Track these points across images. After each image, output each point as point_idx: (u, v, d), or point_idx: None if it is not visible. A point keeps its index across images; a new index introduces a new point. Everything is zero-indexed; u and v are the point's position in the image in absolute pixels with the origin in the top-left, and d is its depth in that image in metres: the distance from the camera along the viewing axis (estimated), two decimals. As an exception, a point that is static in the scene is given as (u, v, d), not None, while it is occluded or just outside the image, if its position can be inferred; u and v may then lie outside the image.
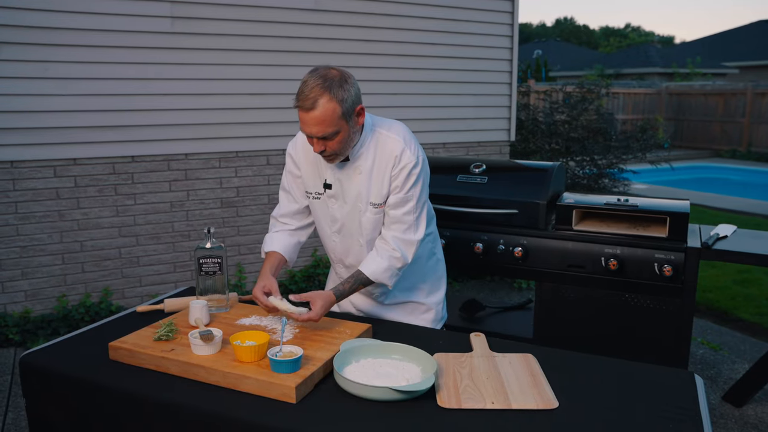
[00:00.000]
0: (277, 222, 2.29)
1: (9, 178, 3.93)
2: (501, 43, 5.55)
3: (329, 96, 1.82)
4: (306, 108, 1.83)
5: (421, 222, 2.08)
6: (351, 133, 1.93)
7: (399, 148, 1.99)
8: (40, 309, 4.13)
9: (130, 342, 1.83)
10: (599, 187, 6.79)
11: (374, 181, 2.04)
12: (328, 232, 2.20)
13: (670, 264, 2.76)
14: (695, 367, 3.75)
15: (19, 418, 3.13)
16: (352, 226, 2.13)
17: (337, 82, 1.85)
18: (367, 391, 1.56)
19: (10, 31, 3.79)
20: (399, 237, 2.05)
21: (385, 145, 2.01)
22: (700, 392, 1.65)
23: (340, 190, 2.09)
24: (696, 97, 16.11)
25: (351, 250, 2.19)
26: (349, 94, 1.86)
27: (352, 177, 2.05)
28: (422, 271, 2.29)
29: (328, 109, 1.83)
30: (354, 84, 1.90)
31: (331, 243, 2.22)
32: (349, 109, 1.87)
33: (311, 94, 1.82)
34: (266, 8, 4.48)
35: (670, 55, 25.93)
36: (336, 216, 2.14)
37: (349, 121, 1.90)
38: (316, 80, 1.83)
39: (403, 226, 2.05)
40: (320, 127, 1.85)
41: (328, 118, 1.84)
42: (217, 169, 4.54)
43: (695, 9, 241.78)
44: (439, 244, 2.41)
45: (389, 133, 2.03)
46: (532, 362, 1.78)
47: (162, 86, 4.25)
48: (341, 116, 1.86)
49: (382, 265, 2.04)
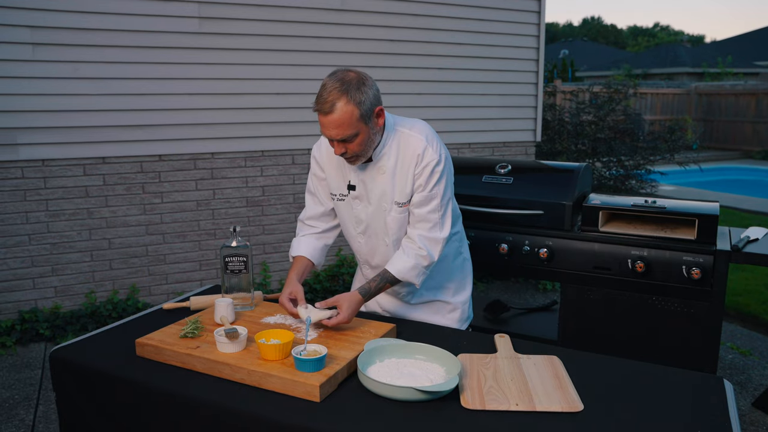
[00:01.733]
0: (304, 225, 2.29)
1: (40, 176, 4.01)
2: (527, 43, 5.51)
3: (347, 99, 1.83)
4: (325, 111, 1.85)
5: (446, 220, 2.07)
6: (371, 134, 1.93)
7: (421, 147, 1.99)
8: (69, 305, 4.20)
9: (157, 339, 1.85)
10: (626, 189, 6.70)
11: (398, 181, 2.04)
12: (353, 233, 2.21)
13: (699, 267, 2.71)
14: (724, 372, 3.69)
15: (49, 411, 3.19)
16: (377, 227, 2.14)
17: (355, 84, 1.85)
18: (390, 390, 1.56)
19: (43, 32, 3.87)
20: (425, 235, 2.05)
21: (407, 143, 2.02)
22: (730, 398, 1.62)
23: (364, 191, 2.10)
24: (727, 97, 15.81)
25: (377, 250, 2.19)
26: (366, 96, 1.87)
27: (376, 177, 2.06)
28: (448, 270, 2.28)
29: (346, 112, 1.84)
30: (372, 86, 1.91)
31: (357, 244, 2.23)
32: (367, 111, 1.88)
33: (329, 97, 1.84)
34: (292, 8, 4.50)
35: (700, 55, 25.50)
36: (361, 217, 2.14)
37: (368, 122, 1.90)
38: (334, 83, 1.85)
39: (428, 224, 2.05)
40: (339, 129, 1.86)
41: (347, 121, 1.85)
42: (242, 168, 4.58)
43: (726, 7, 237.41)
44: (466, 244, 2.40)
45: (411, 132, 2.03)
46: (557, 364, 1.76)
47: (189, 86, 4.30)
48: (360, 118, 1.87)
49: (409, 263, 2.04)
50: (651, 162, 6.80)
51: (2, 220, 3.96)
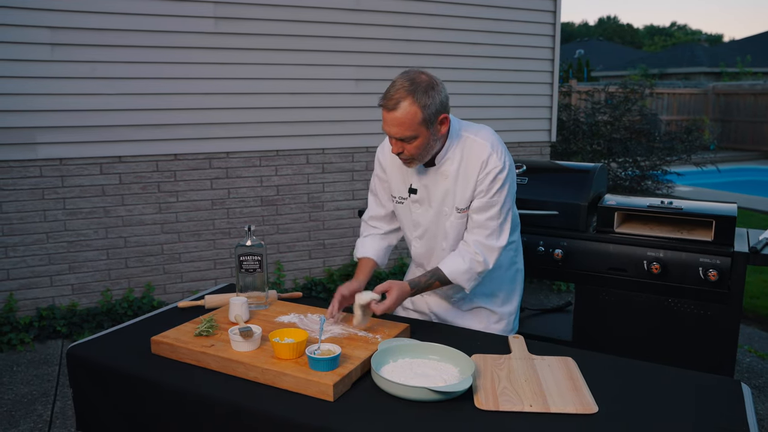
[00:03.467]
0: (368, 226, 2.31)
1: (58, 174, 4.06)
2: (542, 43, 5.49)
3: (412, 99, 1.83)
4: (389, 108, 1.85)
5: (504, 228, 2.04)
6: (430, 140, 1.92)
7: (486, 153, 1.97)
8: (86, 303, 4.25)
9: (172, 337, 1.87)
10: (642, 189, 6.65)
11: (460, 186, 2.02)
12: (410, 236, 2.21)
13: (716, 269, 2.68)
14: (742, 375, 3.64)
15: (66, 407, 3.22)
16: (436, 231, 2.12)
17: (423, 87, 1.84)
18: (404, 390, 1.56)
19: (62, 32, 3.92)
20: (481, 242, 2.02)
21: (471, 149, 2.00)
22: (748, 402, 1.60)
23: (426, 195, 2.09)
24: (745, 97, 15.62)
25: (434, 254, 2.18)
26: (433, 101, 1.86)
27: (439, 182, 2.05)
28: (500, 279, 2.25)
29: (409, 113, 1.84)
30: (441, 92, 1.89)
31: (414, 247, 2.23)
32: (431, 116, 1.87)
33: (396, 95, 1.84)
34: (307, 8, 4.52)
35: (717, 54, 25.23)
36: (419, 221, 2.14)
37: (430, 128, 1.89)
38: (403, 82, 1.85)
39: (486, 231, 2.02)
40: (399, 128, 1.86)
41: (408, 121, 1.85)
42: (257, 167, 4.60)
43: (745, 6, 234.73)
44: (521, 255, 2.36)
45: (476, 138, 2.01)
46: (571, 365, 1.75)
47: (205, 85, 4.32)
48: (421, 122, 1.86)
49: (463, 266, 2.01)
50: (667, 162, 6.74)
51: (21, 219, 4.01)
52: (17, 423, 3.08)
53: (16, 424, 3.06)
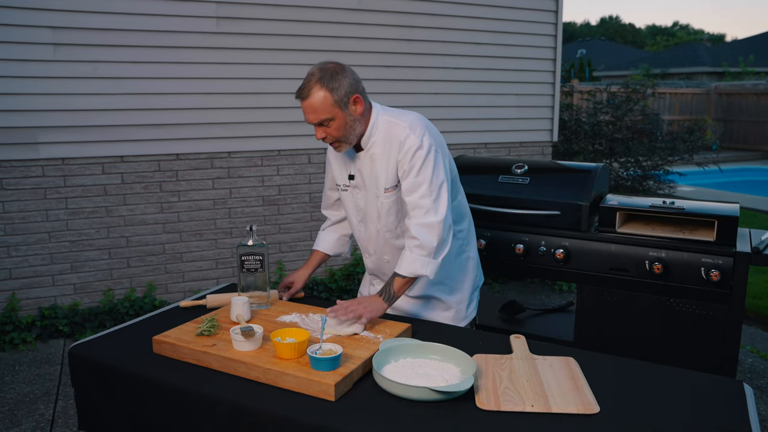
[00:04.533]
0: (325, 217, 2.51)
1: (60, 174, 4.06)
2: (544, 43, 5.48)
3: (320, 85, 1.96)
4: (303, 97, 1.99)
5: (440, 204, 2.06)
6: (348, 120, 2.03)
7: (404, 134, 2.06)
8: (88, 302, 4.25)
9: (173, 336, 1.87)
10: (644, 189, 6.65)
11: (383, 166, 2.12)
12: (354, 222, 2.31)
13: (718, 269, 2.68)
14: (744, 376, 3.64)
15: (68, 406, 3.23)
16: (372, 214, 2.22)
17: (330, 73, 1.98)
18: (405, 390, 1.56)
19: (65, 32, 3.92)
20: (419, 222, 2.05)
21: (392, 131, 2.10)
22: (750, 402, 1.60)
23: (361, 180, 2.20)
24: (747, 97, 15.59)
25: (371, 238, 2.28)
26: (340, 83, 1.98)
27: (368, 165, 2.15)
28: (448, 268, 2.28)
29: (319, 97, 1.97)
30: (349, 75, 2.02)
31: (358, 232, 2.33)
32: (342, 97, 1.99)
33: (307, 84, 1.98)
34: (309, 8, 4.52)
35: (720, 54, 25.19)
36: (360, 205, 2.25)
37: (344, 109, 2.01)
38: (314, 71, 1.99)
39: (421, 210, 2.06)
40: (315, 114, 1.99)
41: (320, 105, 1.97)
42: (259, 167, 4.60)
43: (748, 5, 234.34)
44: (473, 243, 2.41)
45: (397, 121, 2.10)
46: (573, 366, 1.75)
47: (206, 85, 4.33)
48: (333, 103, 1.98)
49: (409, 258, 2.05)
50: (669, 162, 6.73)
51: (23, 218, 4.01)
52: (19, 422, 3.08)
53: (19, 423, 3.07)
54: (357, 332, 1.93)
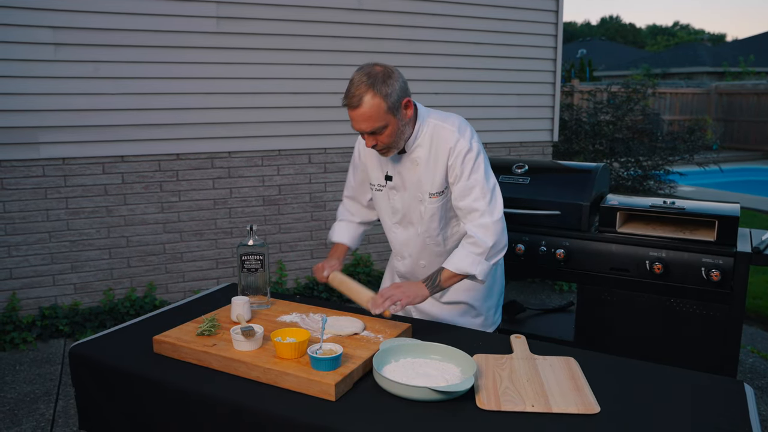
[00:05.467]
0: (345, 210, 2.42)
1: (61, 174, 4.06)
2: (545, 43, 5.48)
3: (373, 92, 1.88)
4: (353, 106, 1.90)
5: (495, 205, 2.03)
6: (400, 125, 1.97)
7: (454, 138, 2.01)
8: (88, 302, 4.25)
9: (174, 336, 1.87)
10: (644, 189, 6.64)
11: (431, 171, 2.06)
12: (389, 223, 2.25)
13: (719, 269, 2.68)
14: (744, 376, 3.64)
15: (68, 406, 3.23)
16: (412, 216, 2.17)
17: (381, 77, 1.90)
18: (406, 390, 1.56)
19: (65, 32, 3.92)
20: (476, 224, 2.02)
21: (440, 135, 2.04)
22: (750, 403, 1.60)
23: (400, 182, 2.14)
24: (748, 96, 15.58)
25: (410, 240, 2.22)
26: (393, 88, 1.91)
27: (411, 168, 2.09)
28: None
29: (373, 105, 1.89)
30: (399, 78, 1.94)
31: (393, 234, 2.27)
32: (395, 103, 1.92)
33: (357, 91, 1.89)
34: (310, 8, 4.51)
35: (720, 54, 25.17)
36: (397, 207, 2.19)
37: (397, 114, 1.94)
38: (361, 77, 1.89)
39: (476, 213, 2.02)
40: (368, 122, 1.91)
41: (375, 114, 1.90)
42: (259, 167, 4.60)
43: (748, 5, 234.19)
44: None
45: (444, 124, 2.05)
46: (573, 366, 1.75)
47: (207, 85, 4.33)
48: (387, 110, 1.91)
49: (460, 253, 2.01)
50: (670, 162, 6.73)
51: (23, 218, 4.02)
52: (20, 422, 3.08)
53: (19, 423, 3.07)
54: (357, 332, 1.93)
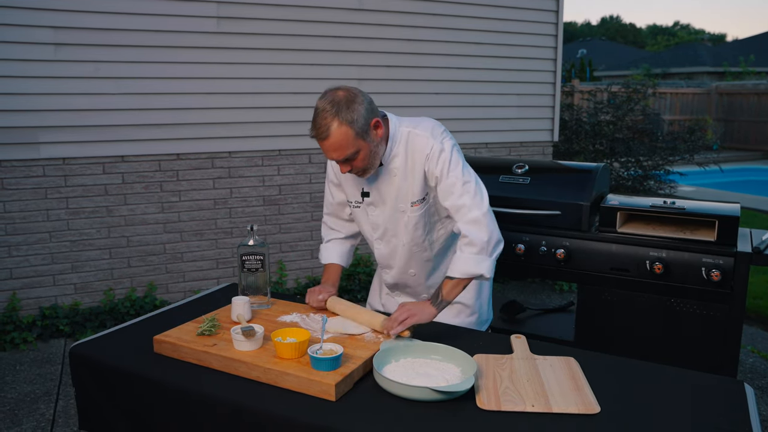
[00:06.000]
0: (328, 228, 2.36)
1: (61, 174, 4.06)
2: (545, 43, 5.48)
3: (339, 121, 1.84)
4: (321, 137, 1.87)
5: (480, 198, 2.00)
6: (372, 147, 1.94)
7: (428, 145, 2.00)
8: (89, 302, 4.25)
9: (174, 336, 1.87)
10: (644, 189, 6.64)
11: (409, 180, 2.05)
12: (371, 239, 2.24)
13: (719, 269, 2.68)
14: (745, 376, 3.64)
15: (69, 406, 3.23)
16: (396, 229, 2.14)
17: (345, 103, 1.85)
18: (406, 390, 1.56)
19: (66, 32, 3.92)
20: (465, 220, 1.99)
21: (414, 142, 2.02)
22: (751, 402, 1.60)
23: (378, 197, 2.11)
24: (748, 96, 15.58)
25: (395, 253, 2.20)
26: (358, 113, 1.86)
27: (388, 181, 2.07)
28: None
29: (341, 134, 1.85)
30: (363, 101, 1.89)
31: (376, 249, 2.25)
32: (362, 127, 1.88)
33: (323, 122, 1.85)
34: (310, 8, 4.52)
35: (721, 54, 25.16)
36: (377, 222, 2.16)
37: (366, 138, 1.91)
38: (325, 105, 1.86)
39: (464, 209, 1.99)
40: (339, 152, 1.89)
41: (344, 142, 1.87)
42: (260, 167, 4.60)
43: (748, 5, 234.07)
44: None
45: (417, 130, 2.03)
46: (573, 366, 1.75)
47: (207, 85, 4.33)
48: (356, 136, 1.87)
49: (460, 258, 1.97)
50: (670, 162, 6.73)
51: (24, 218, 4.02)
52: (20, 422, 3.08)
53: (19, 423, 3.07)
54: (365, 332, 1.92)
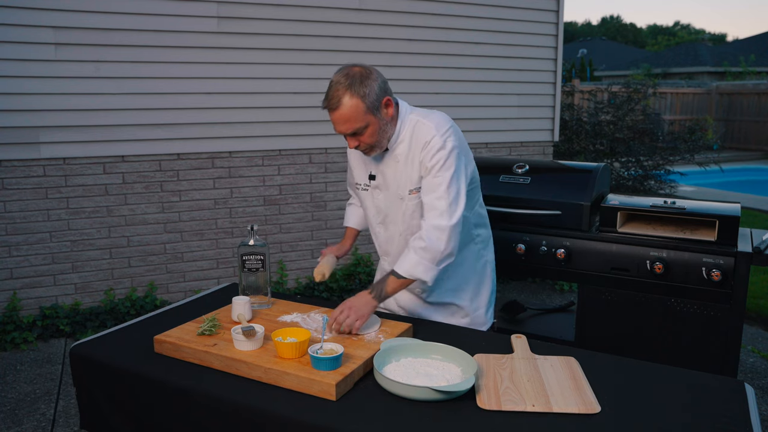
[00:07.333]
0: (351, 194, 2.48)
1: (61, 174, 4.07)
2: (545, 43, 5.48)
3: (351, 93, 1.89)
4: (332, 108, 1.92)
5: (455, 210, 1.99)
6: (381, 125, 1.97)
7: (430, 134, 2.00)
8: (89, 302, 4.25)
9: (175, 336, 1.87)
10: (645, 189, 6.65)
11: (409, 167, 2.06)
12: (373, 223, 2.26)
13: (719, 269, 2.68)
14: (745, 376, 3.64)
15: (69, 405, 3.23)
16: (395, 216, 2.16)
17: (359, 78, 1.90)
18: (406, 390, 1.56)
19: (66, 32, 3.92)
20: (431, 224, 1.99)
21: (419, 131, 2.04)
22: (751, 402, 1.60)
23: (383, 180, 2.14)
24: (749, 96, 15.58)
25: (392, 240, 2.22)
26: (371, 88, 1.91)
27: (392, 165, 2.09)
28: (466, 273, 2.25)
29: (352, 106, 1.89)
30: (377, 78, 1.94)
31: (377, 234, 2.27)
32: (374, 102, 1.92)
33: (335, 93, 1.90)
34: (310, 8, 4.52)
35: (721, 54, 25.15)
36: (380, 206, 2.18)
37: (377, 114, 1.95)
38: (339, 78, 1.91)
39: (436, 212, 1.99)
40: (348, 124, 1.92)
41: (354, 114, 1.91)
42: (260, 167, 4.60)
43: (749, 5, 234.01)
44: (490, 248, 2.36)
45: (424, 120, 2.04)
46: (574, 365, 1.75)
47: (208, 85, 4.33)
48: (366, 110, 1.91)
49: (412, 259, 1.98)
50: (670, 162, 6.74)
51: (24, 218, 4.02)
52: (21, 421, 3.08)
53: (20, 423, 3.07)
54: (364, 332, 1.92)
